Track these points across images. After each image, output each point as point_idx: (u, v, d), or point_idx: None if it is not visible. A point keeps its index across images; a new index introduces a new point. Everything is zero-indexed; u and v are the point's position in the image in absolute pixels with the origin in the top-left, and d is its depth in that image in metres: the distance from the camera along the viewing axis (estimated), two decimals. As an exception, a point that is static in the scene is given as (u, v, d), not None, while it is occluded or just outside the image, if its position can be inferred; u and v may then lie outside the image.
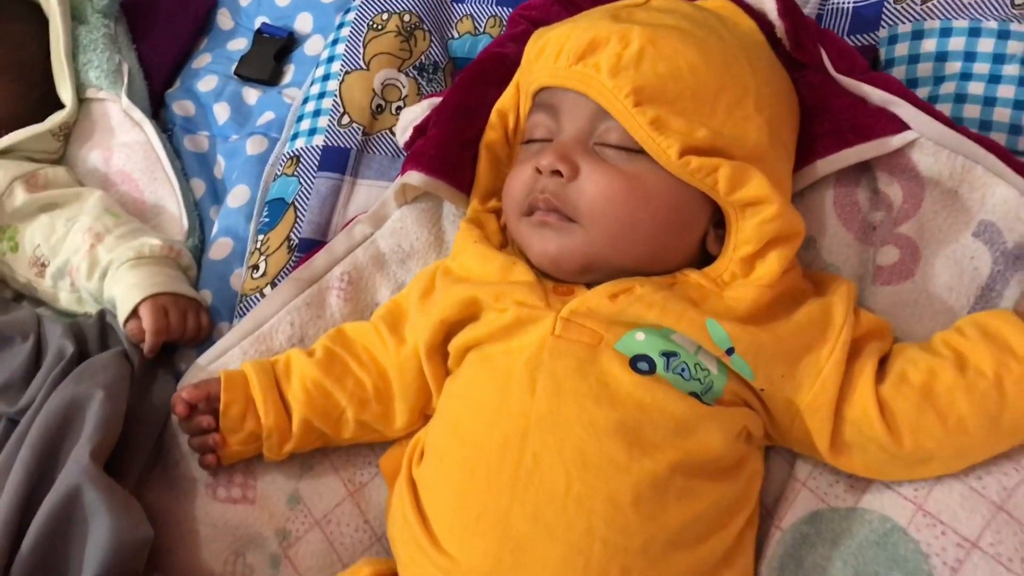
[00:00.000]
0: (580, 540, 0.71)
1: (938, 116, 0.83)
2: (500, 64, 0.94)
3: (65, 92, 1.13)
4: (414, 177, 0.91)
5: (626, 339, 0.76)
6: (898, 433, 0.75)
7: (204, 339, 1.00)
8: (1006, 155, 0.82)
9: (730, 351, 0.75)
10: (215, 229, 1.07)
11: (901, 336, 0.82)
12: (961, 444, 0.75)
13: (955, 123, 0.83)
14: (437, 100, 0.96)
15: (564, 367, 0.75)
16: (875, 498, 0.79)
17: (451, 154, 0.91)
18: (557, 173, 0.79)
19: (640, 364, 0.75)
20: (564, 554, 0.71)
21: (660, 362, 0.75)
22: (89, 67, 1.14)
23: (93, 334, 0.98)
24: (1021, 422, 0.74)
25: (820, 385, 0.76)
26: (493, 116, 0.90)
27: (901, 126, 0.84)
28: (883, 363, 0.78)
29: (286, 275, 0.99)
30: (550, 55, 0.82)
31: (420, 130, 0.95)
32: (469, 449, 0.77)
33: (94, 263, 0.99)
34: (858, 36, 0.97)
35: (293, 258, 1.00)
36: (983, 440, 0.75)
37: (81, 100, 1.15)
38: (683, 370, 0.76)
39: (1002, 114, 0.87)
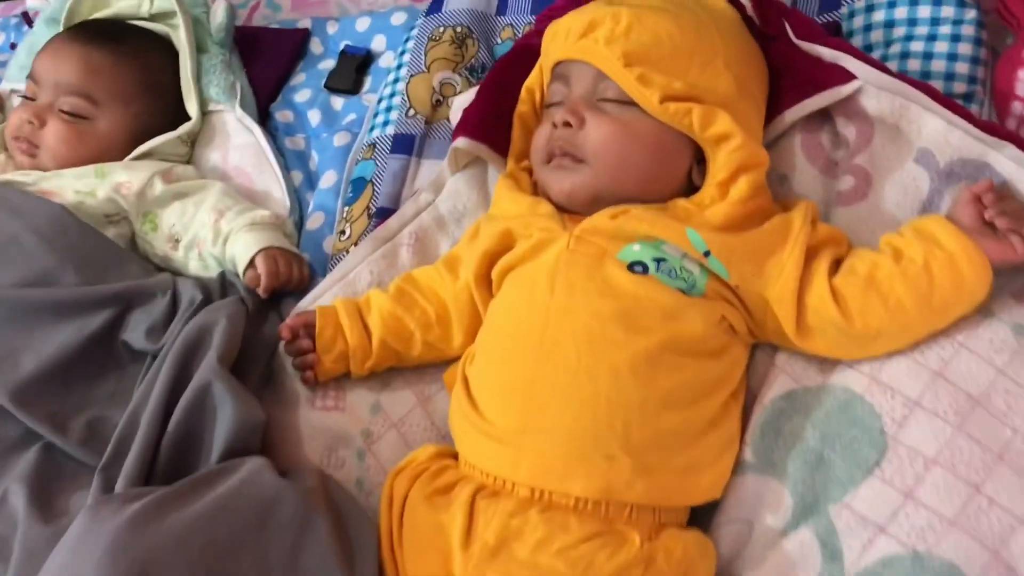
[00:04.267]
0: (589, 400, 0.91)
1: (880, 67, 1.02)
2: (528, 52, 1.16)
3: (192, 107, 1.40)
4: (462, 142, 1.14)
5: (625, 250, 0.96)
6: (849, 315, 0.92)
7: (305, 286, 1.23)
8: (934, 93, 1.00)
9: (707, 253, 0.94)
10: (311, 207, 1.32)
11: (859, 246, 1.00)
12: (902, 322, 0.92)
13: (895, 73, 1.02)
14: (483, 88, 1.19)
15: (576, 272, 0.96)
16: (839, 376, 0.96)
17: (491, 123, 1.14)
18: (568, 124, 1.00)
19: (636, 267, 0.95)
20: (576, 411, 0.91)
21: (652, 265, 0.95)
22: (210, 86, 1.41)
23: (216, 287, 1.22)
24: (949, 300, 0.91)
25: (783, 279, 0.94)
26: (523, 92, 1.13)
27: (850, 76, 1.03)
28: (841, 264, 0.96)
29: (366, 236, 1.22)
30: (560, 36, 1.04)
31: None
32: (504, 340, 0.98)
33: (218, 233, 1.25)
34: (825, 15, 1.18)
35: (372, 223, 1.23)
36: (919, 317, 0.92)
37: (204, 113, 1.42)
38: (671, 272, 0.95)
39: (939, 65, 1.06)
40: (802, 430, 0.95)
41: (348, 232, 1.25)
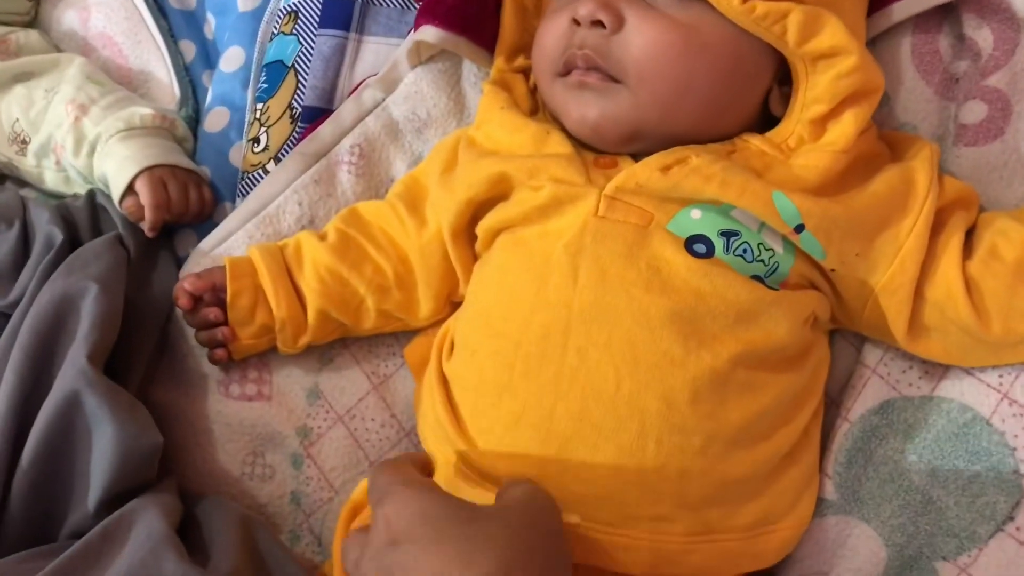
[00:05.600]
0: (633, 442, 0.64)
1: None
2: None
3: (32, -56, 1.01)
4: (429, 33, 0.80)
5: (680, 217, 0.67)
6: (986, 315, 0.66)
7: (207, 216, 0.91)
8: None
9: (799, 228, 0.66)
10: (209, 98, 0.96)
11: (988, 204, 0.73)
12: (1058, 327, 0.67)
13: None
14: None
15: (610, 251, 0.67)
16: (954, 385, 0.71)
17: (471, 4, 0.79)
18: (598, 24, 0.68)
19: (696, 246, 0.67)
20: (615, 457, 0.65)
21: (719, 243, 0.67)
22: (57, -86, 1.01)
23: (83, 217, 0.89)
24: None
25: (899, 263, 0.67)
26: (520, -44, 0.78)
27: (995, -43, 0.72)
28: (968, 236, 0.69)
29: (290, 148, 0.89)
30: None
31: (434, -22, 0.83)
32: (505, 344, 0.69)
33: (80, 138, 0.90)
34: None
35: (297, 129, 0.89)
36: (1083, 322, 0.67)
37: (51, -47, 1.02)
38: (745, 251, 0.67)
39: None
40: (902, 458, 0.71)
41: (264, 141, 0.91)
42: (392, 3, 0.91)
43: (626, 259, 0.66)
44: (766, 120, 0.72)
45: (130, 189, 0.87)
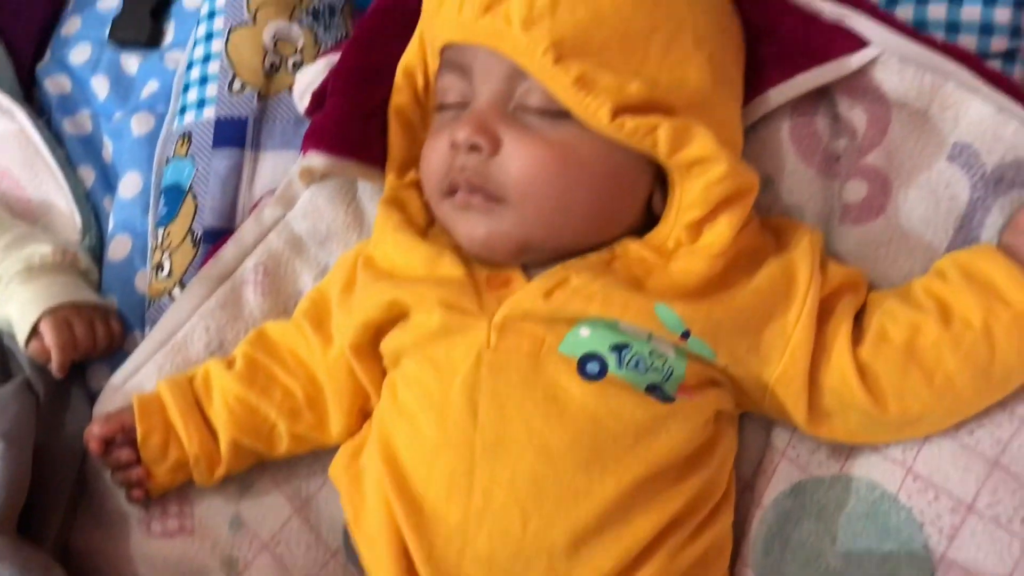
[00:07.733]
0: None
1: (900, 27, 0.73)
2: (401, 15, 0.80)
3: (-83, 82, 1.00)
4: (316, 159, 0.80)
5: (570, 337, 0.67)
6: (882, 398, 0.68)
7: (117, 348, 0.90)
8: (979, 66, 0.72)
9: (685, 335, 0.66)
10: (111, 225, 0.96)
11: (875, 280, 0.74)
12: (950, 402, 0.68)
13: (919, 31, 0.74)
14: (336, 57, 0.84)
15: (506, 383, 0.67)
16: (861, 463, 0.73)
17: (355, 126, 0.80)
18: (476, 148, 0.68)
19: (590, 365, 0.67)
20: None
21: (611, 359, 0.67)
22: (-59, 50, 1.01)
23: (-12, 363, 0.88)
24: (1013, 371, 0.68)
25: (790, 356, 0.68)
26: (398, 76, 0.79)
27: (859, 43, 0.73)
28: (859, 318, 0.70)
29: (194, 272, 0.88)
30: (453, 4, 0.69)
31: (319, 96, 0.83)
32: (413, 487, 0.69)
33: (-23, 281, 0.89)
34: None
35: (199, 253, 0.89)
36: (973, 396, 0.68)
37: (-62, 91, 1.01)
38: (638, 362, 0.67)
39: (971, 13, 0.77)
40: (817, 541, 0.72)
41: (167, 267, 0.90)
42: (285, 117, 0.91)
43: (523, 390, 0.67)
44: (651, 216, 0.73)
45: (35, 332, 0.86)
